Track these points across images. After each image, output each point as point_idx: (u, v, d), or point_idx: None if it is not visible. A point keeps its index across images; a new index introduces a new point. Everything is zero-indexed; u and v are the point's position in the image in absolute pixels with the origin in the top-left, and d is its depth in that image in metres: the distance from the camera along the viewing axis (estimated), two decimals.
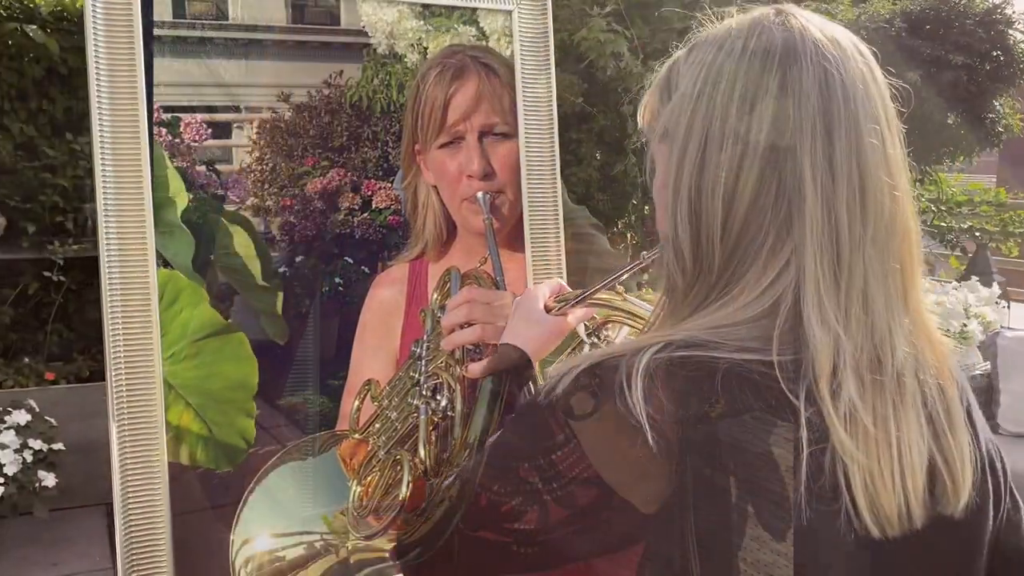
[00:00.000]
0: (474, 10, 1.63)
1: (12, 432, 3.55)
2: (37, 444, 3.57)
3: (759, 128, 0.82)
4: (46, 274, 4.29)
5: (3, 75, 4.34)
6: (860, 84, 0.84)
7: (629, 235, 5.96)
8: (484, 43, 1.65)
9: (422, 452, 1.33)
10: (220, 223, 1.51)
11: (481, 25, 1.65)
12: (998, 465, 0.93)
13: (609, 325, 1.17)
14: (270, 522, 1.54)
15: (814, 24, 0.86)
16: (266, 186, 1.57)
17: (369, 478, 1.49)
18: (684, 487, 0.76)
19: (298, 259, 1.59)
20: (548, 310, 1.18)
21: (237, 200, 1.56)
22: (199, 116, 1.51)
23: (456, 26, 1.63)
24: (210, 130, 1.52)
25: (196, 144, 1.51)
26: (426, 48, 1.62)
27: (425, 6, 1.61)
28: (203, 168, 1.53)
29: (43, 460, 3.55)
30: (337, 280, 1.61)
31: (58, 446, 3.59)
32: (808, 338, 0.78)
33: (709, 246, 0.83)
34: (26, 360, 4.38)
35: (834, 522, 0.76)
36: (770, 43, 0.84)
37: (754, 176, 0.81)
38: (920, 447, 0.80)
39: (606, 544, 0.81)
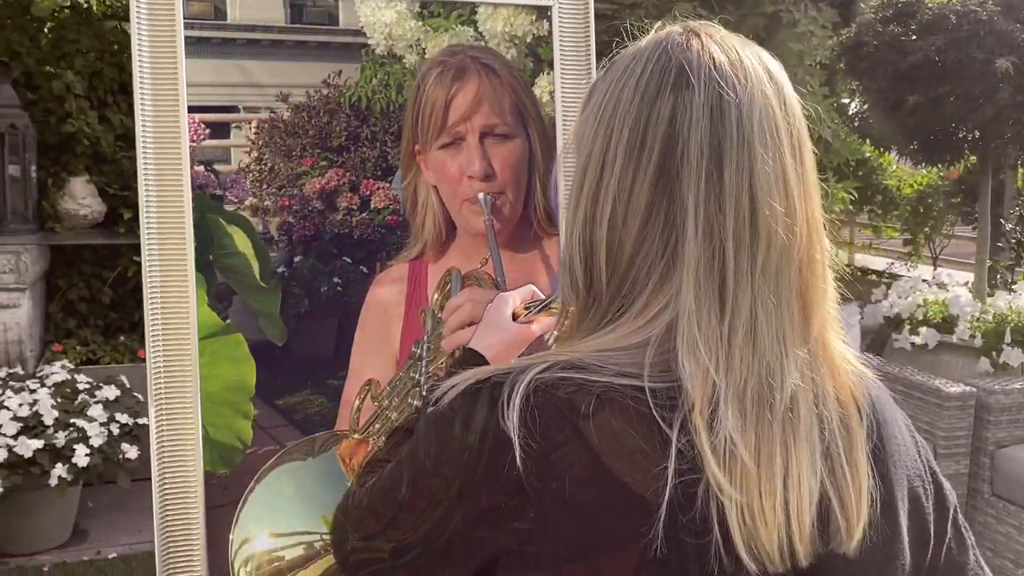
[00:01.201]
0: (472, 11, 1.60)
1: (100, 407, 3.75)
2: (124, 418, 3.76)
3: (649, 154, 0.79)
4: (135, 259, 4.50)
5: (105, 71, 4.58)
6: (759, 109, 0.80)
7: None
8: (483, 43, 1.63)
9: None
10: (219, 223, 1.53)
11: (479, 26, 1.62)
12: (927, 503, 0.88)
13: None
14: (269, 522, 1.56)
15: (719, 45, 0.82)
16: (265, 186, 1.59)
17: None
18: (545, 509, 0.75)
19: (297, 259, 1.60)
20: (516, 317, 1.16)
21: (236, 200, 1.58)
22: (197, 116, 1.53)
23: (454, 26, 1.61)
24: (208, 130, 1.54)
25: (194, 144, 1.53)
26: (424, 49, 1.60)
27: (424, 6, 1.59)
28: (201, 168, 1.55)
29: (128, 433, 3.72)
30: (336, 280, 1.62)
31: (143, 420, 3.76)
32: (679, 369, 0.76)
33: (599, 273, 0.82)
34: (122, 338, 4.62)
35: (704, 556, 0.73)
36: (666, 66, 0.81)
37: (643, 204, 0.80)
38: (811, 483, 0.77)
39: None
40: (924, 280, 4.59)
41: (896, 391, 3.40)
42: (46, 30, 4.52)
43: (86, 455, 3.57)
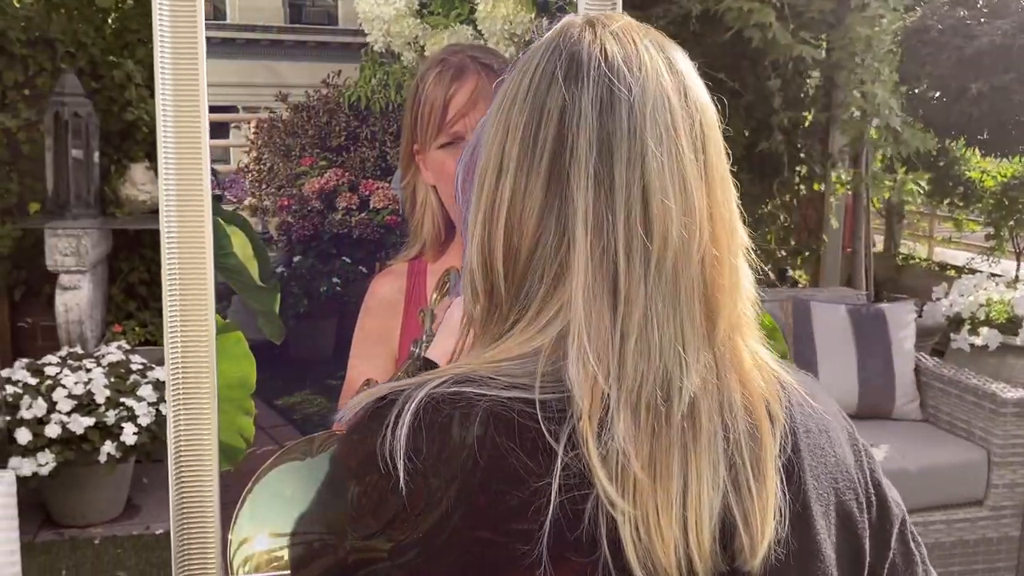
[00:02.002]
0: (471, 10, 1.56)
1: (150, 387, 3.86)
2: None
3: (541, 153, 0.76)
4: None
5: None
6: (652, 101, 0.75)
7: (782, 216, 5.66)
8: (483, 42, 1.59)
9: None
10: (217, 223, 1.54)
11: (477, 24, 1.58)
12: (861, 518, 0.83)
13: None
14: (269, 522, 1.57)
15: (614, 36, 0.78)
16: (264, 186, 1.58)
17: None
18: (427, 533, 0.72)
19: (296, 259, 1.60)
20: None
21: (235, 200, 1.58)
22: None
23: (453, 25, 1.57)
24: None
25: None
26: (422, 47, 1.57)
27: (423, 4, 1.56)
28: None
29: None
30: (335, 280, 1.61)
31: None
32: (568, 377, 0.72)
33: (498, 279, 0.78)
34: None
35: (591, 575, 0.69)
36: (558, 60, 0.77)
37: (536, 206, 0.76)
38: (711, 496, 0.72)
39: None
40: (995, 275, 4.39)
41: (950, 394, 3.28)
42: (110, 21, 4.65)
43: (133, 433, 3.69)
